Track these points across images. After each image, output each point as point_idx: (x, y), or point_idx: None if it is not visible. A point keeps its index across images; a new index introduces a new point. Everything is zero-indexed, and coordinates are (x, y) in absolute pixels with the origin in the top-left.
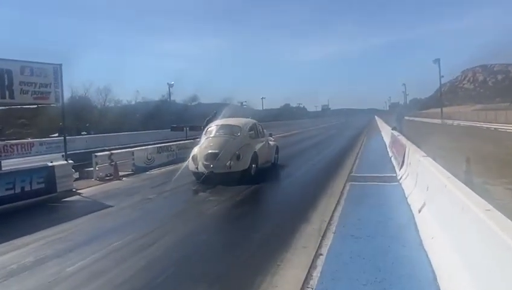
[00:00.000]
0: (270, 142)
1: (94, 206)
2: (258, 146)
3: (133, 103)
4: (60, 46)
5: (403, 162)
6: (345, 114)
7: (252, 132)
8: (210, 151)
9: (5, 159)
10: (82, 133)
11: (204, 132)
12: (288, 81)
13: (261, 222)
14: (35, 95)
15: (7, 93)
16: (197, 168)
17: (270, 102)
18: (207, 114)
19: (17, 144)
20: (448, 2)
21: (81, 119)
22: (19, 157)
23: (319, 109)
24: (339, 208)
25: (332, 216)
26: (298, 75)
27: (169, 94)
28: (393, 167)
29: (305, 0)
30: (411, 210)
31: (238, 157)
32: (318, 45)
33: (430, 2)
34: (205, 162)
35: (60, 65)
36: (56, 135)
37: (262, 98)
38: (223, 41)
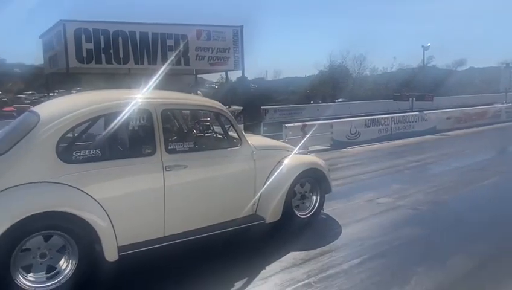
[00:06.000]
0: (285, 159)
1: None
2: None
3: (389, 70)
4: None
5: None
6: None
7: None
8: None
9: None
10: (338, 100)
11: None
12: None
13: None
14: (211, 61)
15: (182, 60)
16: None
17: None
18: (470, 80)
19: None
20: None
21: (336, 88)
22: None
23: None
24: None
25: None
26: None
27: (424, 58)
28: None
29: None
30: None
31: None
32: None
33: None
34: None
35: (241, 27)
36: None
37: None
38: None
